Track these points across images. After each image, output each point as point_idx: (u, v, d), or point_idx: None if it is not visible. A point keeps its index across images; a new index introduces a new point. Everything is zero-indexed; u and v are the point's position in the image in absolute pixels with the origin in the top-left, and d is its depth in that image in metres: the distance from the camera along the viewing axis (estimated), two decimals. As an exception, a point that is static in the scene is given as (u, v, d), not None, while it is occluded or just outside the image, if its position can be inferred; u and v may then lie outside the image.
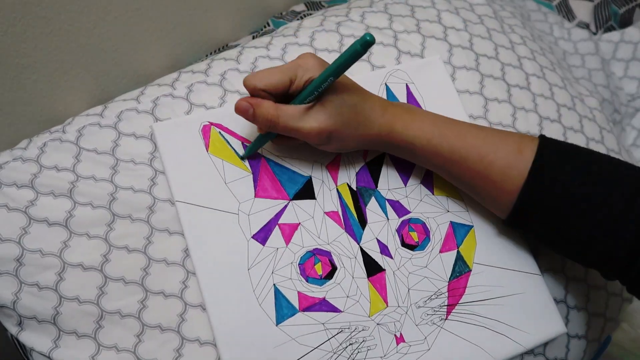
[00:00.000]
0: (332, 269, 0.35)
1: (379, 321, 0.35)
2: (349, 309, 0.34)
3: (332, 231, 0.36)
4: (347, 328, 0.34)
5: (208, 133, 0.37)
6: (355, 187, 0.38)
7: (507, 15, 0.55)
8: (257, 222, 0.35)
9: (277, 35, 0.46)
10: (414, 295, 0.36)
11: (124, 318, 0.33)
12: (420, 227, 0.37)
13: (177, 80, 0.42)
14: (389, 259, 0.36)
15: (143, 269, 0.34)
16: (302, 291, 0.34)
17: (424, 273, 0.36)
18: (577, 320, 0.42)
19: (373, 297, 0.35)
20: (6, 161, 0.36)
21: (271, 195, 0.36)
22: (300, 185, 0.37)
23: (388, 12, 0.48)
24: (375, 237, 0.36)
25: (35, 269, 0.33)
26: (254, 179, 0.36)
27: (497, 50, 0.48)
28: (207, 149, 0.37)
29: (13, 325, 0.33)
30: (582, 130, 0.48)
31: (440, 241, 0.37)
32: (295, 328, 0.33)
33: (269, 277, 0.34)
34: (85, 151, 0.37)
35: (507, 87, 0.46)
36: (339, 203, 0.37)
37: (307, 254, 0.35)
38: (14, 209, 0.34)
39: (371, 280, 0.35)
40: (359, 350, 0.34)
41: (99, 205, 0.35)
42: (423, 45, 0.46)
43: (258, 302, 0.34)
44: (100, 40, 0.46)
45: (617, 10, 0.67)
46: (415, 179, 0.39)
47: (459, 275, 0.37)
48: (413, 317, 0.35)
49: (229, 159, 0.37)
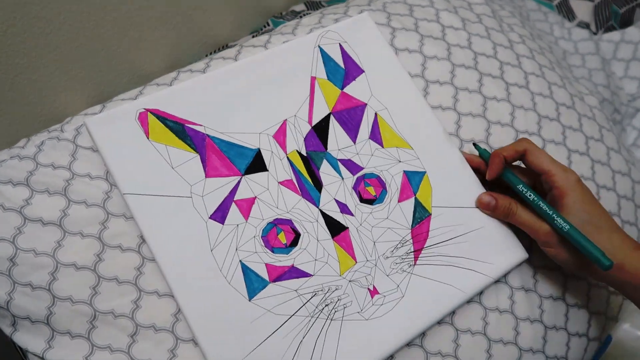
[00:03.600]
0: (295, 236, 0.35)
1: (351, 278, 0.35)
2: (319, 271, 0.35)
3: (290, 199, 0.36)
4: (320, 290, 0.34)
5: (146, 120, 0.36)
6: (305, 152, 0.38)
7: (506, 14, 0.54)
8: (213, 202, 0.35)
9: (275, 33, 0.46)
10: (380, 247, 0.36)
11: (118, 318, 0.33)
12: (375, 180, 0.38)
13: (175, 79, 0.42)
14: (350, 217, 0.36)
15: (137, 269, 0.34)
16: (270, 262, 0.34)
17: (387, 224, 0.37)
18: (577, 318, 0.42)
19: (341, 256, 0.35)
20: (3, 159, 0.36)
21: (222, 173, 0.36)
22: (250, 159, 0.37)
23: (387, 10, 0.47)
24: (333, 197, 0.37)
25: (28, 269, 0.33)
26: (201, 159, 0.36)
27: (495, 49, 0.48)
28: (148, 136, 0.36)
29: (7, 325, 0.33)
30: (581, 128, 0.47)
31: (397, 191, 0.38)
32: (268, 300, 0.33)
33: (233, 254, 0.34)
34: (81, 149, 0.37)
35: (506, 85, 0.46)
36: (291, 171, 0.37)
37: (269, 225, 0.35)
38: (9, 208, 0.34)
39: (336, 239, 0.36)
40: (335, 309, 0.34)
41: (93, 203, 0.35)
42: (421, 42, 0.46)
43: (227, 281, 0.33)
44: (99, 40, 0.46)
45: (617, 10, 0.66)
46: (363, 135, 0.39)
47: (420, 221, 0.38)
48: (383, 268, 0.36)
49: (171, 142, 0.36)
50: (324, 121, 0.39)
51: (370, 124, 0.40)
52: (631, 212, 0.47)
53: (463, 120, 0.43)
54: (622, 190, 0.47)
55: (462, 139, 0.43)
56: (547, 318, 0.40)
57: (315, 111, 0.39)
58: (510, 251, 0.38)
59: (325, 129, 0.39)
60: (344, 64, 0.41)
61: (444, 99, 0.44)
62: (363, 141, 0.39)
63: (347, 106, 0.40)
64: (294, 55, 0.40)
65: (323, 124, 0.39)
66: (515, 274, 0.39)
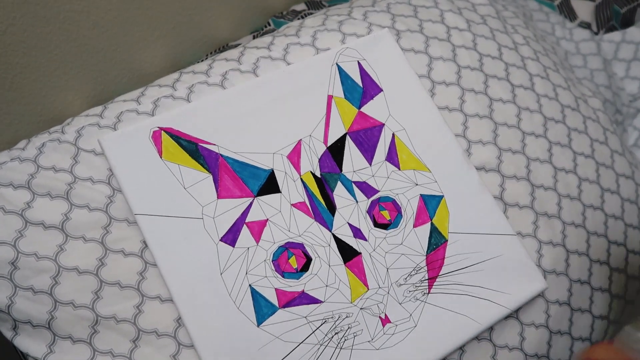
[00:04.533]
0: (307, 261, 0.34)
1: (362, 305, 0.34)
2: (329, 298, 0.34)
3: (302, 222, 0.35)
4: (331, 317, 0.34)
5: (159, 139, 0.36)
6: (320, 174, 0.37)
7: (509, 15, 0.54)
8: (224, 224, 0.34)
9: (279, 35, 0.46)
10: (393, 274, 0.35)
11: (120, 323, 0.33)
12: (390, 204, 0.37)
13: (177, 80, 0.42)
14: (363, 242, 0.36)
15: (139, 273, 0.34)
16: (280, 287, 0.34)
17: (401, 250, 0.36)
18: (581, 322, 0.42)
19: (352, 282, 0.35)
20: (4, 161, 0.36)
21: (234, 195, 0.35)
22: (263, 180, 0.36)
23: (391, 11, 0.47)
24: (347, 221, 0.36)
25: (30, 273, 0.33)
26: (214, 180, 0.35)
27: (500, 50, 0.48)
28: (161, 155, 0.35)
29: (8, 329, 0.33)
30: (586, 131, 0.47)
31: (413, 216, 0.37)
32: (277, 326, 0.33)
33: (243, 278, 0.33)
34: (83, 152, 0.36)
35: (512, 87, 0.46)
36: (304, 193, 0.36)
37: (280, 249, 0.34)
38: (10, 211, 0.34)
39: (348, 265, 0.35)
40: (345, 337, 0.33)
41: (96, 207, 0.35)
42: (427, 43, 0.45)
43: (236, 306, 0.33)
44: (99, 40, 0.46)
45: (618, 10, 0.66)
46: (380, 157, 0.39)
47: (436, 247, 0.37)
48: (395, 296, 0.35)
49: (184, 162, 0.35)
50: (340, 141, 0.38)
51: (387, 145, 0.39)
52: (635, 215, 0.47)
53: (470, 122, 0.43)
54: (626, 193, 0.47)
55: (470, 140, 0.43)
56: (552, 323, 0.40)
57: (331, 131, 0.38)
58: (529, 281, 0.37)
59: (341, 150, 0.38)
60: (362, 83, 0.40)
61: (451, 100, 0.44)
62: (379, 163, 0.38)
63: (363, 126, 0.39)
64: (310, 73, 0.40)
65: (339, 144, 0.38)
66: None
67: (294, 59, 0.42)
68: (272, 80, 0.39)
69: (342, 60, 0.41)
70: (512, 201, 0.41)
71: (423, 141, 0.40)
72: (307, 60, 0.40)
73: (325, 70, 0.40)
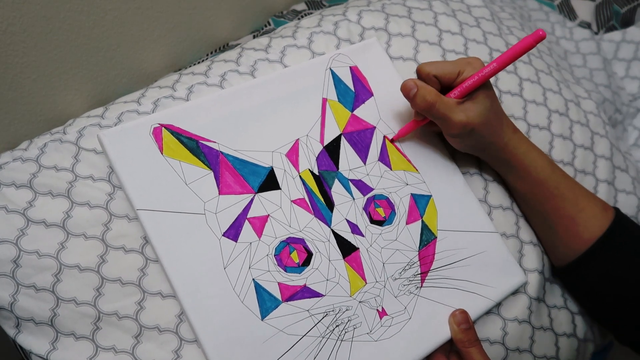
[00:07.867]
0: (308, 255, 0.35)
1: (361, 299, 0.35)
2: (330, 291, 0.35)
3: (302, 218, 0.36)
4: (332, 311, 0.34)
5: (160, 135, 0.36)
6: (317, 171, 0.38)
7: (506, 16, 0.54)
8: (226, 220, 0.35)
9: (276, 36, 0.46)
10: (389, 268, 0.36)
11: (122, 319, 0.33)
12: (385, 202, 0.38)
13: (177, 81, 0.42)
14: (360, 238, 0.37)
15: (140, 270, 0.34)
16: (283, 281, 0.34)
17: (395, 246, 0.37)
18: (584, 324, 0.43)
19: (352, 277, 0.36)
20: (6, 162, 0.36)
21: (235, 191, 0.36)
22: (263, 177, 0.37)
23: (385, 11, 0.47)
24: (345, 217, 0.37)
25: (32, 271, 0.33)
26: (215, 177, 0.36)
27: (492, 54, 0.48)
28: (162, 151, 0.35)
29: (11, 327, 0.33)
30: (571, 137, 0.47)
31: (405, 213, 0.39)
32: (281, 319, 0.34)
33: (246, 272, 0.34)
34: (84, 151, 0.37)
35: (500, 93, 0.46)
36: (304, 190, 0.37)
37: (281, 243, 0.35)
38: (13, 210, 0.34)
39: (347, 260, 0.36)
40: (345, 330, 0.34)
41: (96, 205, 0.35)
42: (416, 49, 0.46)
43: (240, 300, 0.33)
44: (100, 40, 0.46)
45: (618, 9, 0.66)
46: (373, 157, 0.40)
47: (427, 244, 0.38)
48: (391, 289, 0.36)
49: (185, 159, 0.36)
50: (335, 141, 0.39)
51: (379, 147, 0.40)
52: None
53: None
54: (604, 196, 0.47)
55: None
56: (556, 326, 0.41)
57: (327, 131, 0.39)
58: (511, 275, 0.39)
59: (337, 149, 0.39)
60: (354, 87, 0.42)
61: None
62: (373, 163, 0.40)
63: (357, 128, 0.40)
64: (306, 77, 0.41)
65: (334, 144, 0.39)
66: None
67: (290, 61, 0.43)
68: (270, 81, 0.40)
69: (335, 65, 0.42)
70: (495, 203, 0.42)
71: (411, 145, 0.41)
72: (303, 64, 0.41)
73: (320, 74, 0.41)
